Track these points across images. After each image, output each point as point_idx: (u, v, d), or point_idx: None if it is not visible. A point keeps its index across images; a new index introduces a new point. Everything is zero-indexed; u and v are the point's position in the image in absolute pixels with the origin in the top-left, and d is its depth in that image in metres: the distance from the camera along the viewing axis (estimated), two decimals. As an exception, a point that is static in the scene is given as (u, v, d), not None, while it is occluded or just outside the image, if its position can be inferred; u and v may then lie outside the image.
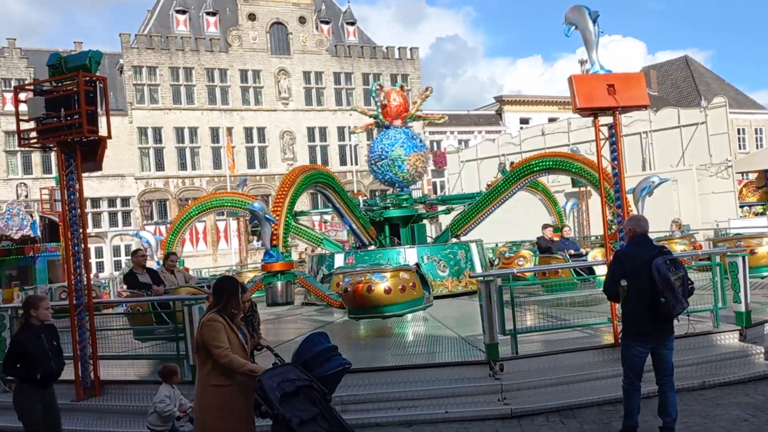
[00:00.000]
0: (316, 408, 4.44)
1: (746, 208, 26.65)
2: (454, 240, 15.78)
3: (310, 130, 43.19)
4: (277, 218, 11.97)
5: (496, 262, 15.19)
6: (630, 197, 12.75)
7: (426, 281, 11.26)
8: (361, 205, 16.46)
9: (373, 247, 15.44)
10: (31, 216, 24.78)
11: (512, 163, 16.78)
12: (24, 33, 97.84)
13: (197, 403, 4.73)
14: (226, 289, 4.84)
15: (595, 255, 12.09)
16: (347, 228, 15.62)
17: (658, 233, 16.23)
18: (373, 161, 15.80)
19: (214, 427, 4.57)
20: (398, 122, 15.77)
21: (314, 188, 14.49)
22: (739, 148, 45.90)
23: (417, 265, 11.65)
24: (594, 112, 8.10)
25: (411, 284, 10.15)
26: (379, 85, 16.68)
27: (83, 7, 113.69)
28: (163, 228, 35.16)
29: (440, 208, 18.86)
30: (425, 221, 17.87)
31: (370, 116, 16.30)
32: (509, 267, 13.25)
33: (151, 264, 19.64)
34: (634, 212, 12.36)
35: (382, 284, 9.87)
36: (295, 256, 17.83)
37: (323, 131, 43.55)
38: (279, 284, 11.58)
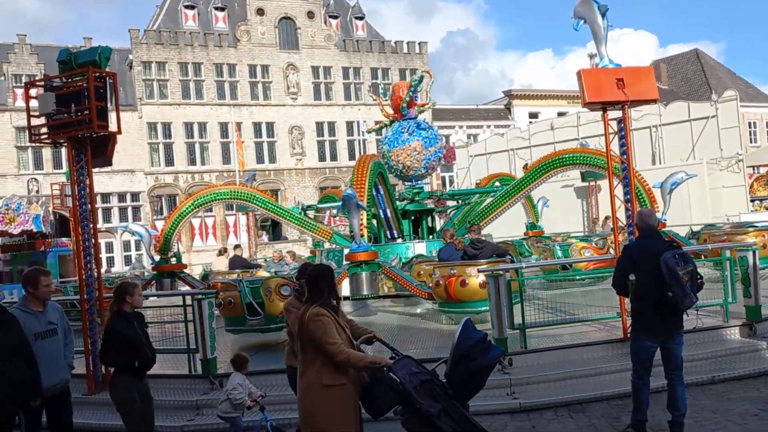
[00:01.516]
0: (438, 404, 4.18)
1: (757, 202, 26.48)
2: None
3: (319, 125, 43.21)
4: (162, 228, 12.40)
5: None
6: (657, 192, 12.78)
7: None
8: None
9: (400, 240, 15.39)
10: (41, 208, 24.87)
11: (525, 165, 16.75)
12: (36, 29, 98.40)
13: (304, 404, 4.39)
14: (322, 278, 4.51)
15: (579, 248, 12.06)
16: (382, 218, 15.31)
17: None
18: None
19: (325, 429, 4.27)
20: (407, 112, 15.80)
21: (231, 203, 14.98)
22: (750, 142, 45.56)
23: (511, 257, 11.14)
24: (603, 106, 8.08)
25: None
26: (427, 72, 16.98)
27: (94, 3, 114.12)
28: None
29: (449, 202, 18.88)
30: (435, 216, 17.90)
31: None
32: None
33: (145, 259, 19.64)
34: (660, 206, 12.37)
35: (478, 278, 9.17)
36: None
37: (332, 126, 43.56)
38: (364, 275, 11.11)
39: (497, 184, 18.49)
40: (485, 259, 9.59)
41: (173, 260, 14.30)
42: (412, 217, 16.17)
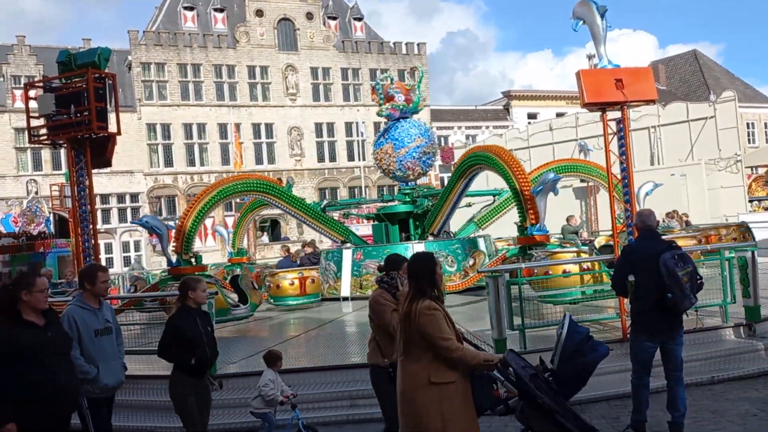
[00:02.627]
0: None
1: (756, 202, 26.50)
2: (431, 237, 15.36)
3: (318, 126, 43.22)
4: (180, 223, 12.57)
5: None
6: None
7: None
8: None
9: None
10: (4, 212, 24.88)
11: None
12: (37, 29, 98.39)
13: (409, 401, 4.12)
14: (426, 267, 4.23)
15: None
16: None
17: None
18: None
19: (436, 428, 4.00)
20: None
21: (249, 196, 15.26)
22: (749, 143, 45.61)
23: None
24: (602, 107, 8.09)
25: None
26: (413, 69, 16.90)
27: (94, 3, 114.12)
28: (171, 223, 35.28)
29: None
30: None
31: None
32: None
33: (144, 261, 19.65)
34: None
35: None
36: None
37: (331, 127, 43.58)
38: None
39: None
40: None
41: (194, 261, 12.68)
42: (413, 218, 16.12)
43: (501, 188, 16.35)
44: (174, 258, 12.44)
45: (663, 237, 6.44)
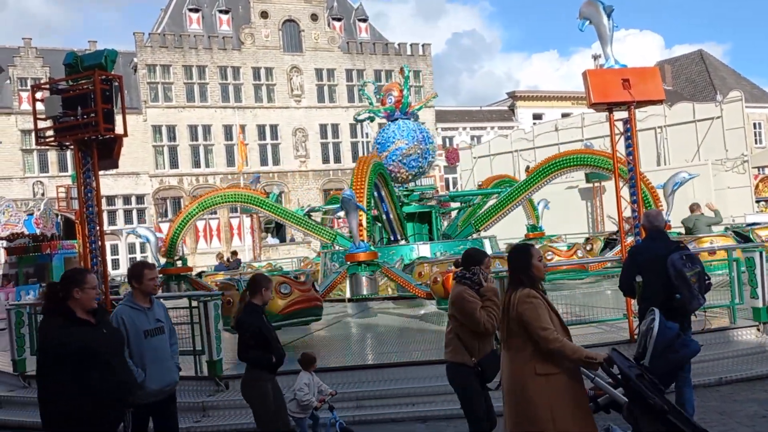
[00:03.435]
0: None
1: (763, 203, 26.39)
2: (474, 235, 15.76)
3: (323, 127, 43.25)
4: (167, 232, 12.48)
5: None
6: (660, 192, 12.79)
7: None
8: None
9: (403, 242, 15.38)
10: (27, 213, 24.96)
11: (527, 168, 16.61)
12: (43, 32, 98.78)
13: (516, 394, 4.04)
14: (522, 258, 4.18)
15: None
16: (384, 220, 15.31)
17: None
18: None
19: (545, 420, 3.89)
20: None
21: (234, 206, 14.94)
22: (756, 143, 45.43)
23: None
24: (609, 107, 8.06)
25: None
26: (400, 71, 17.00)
27: (100, 6, 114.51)
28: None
29: (452, 204, 18.87)
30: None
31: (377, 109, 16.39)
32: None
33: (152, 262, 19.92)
34: (664, 207, 12.34)
35: None
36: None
37: (336, 128, 43.61)
38: (363, 276, 11.12)
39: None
40: None
41: (179, 263, 14.41)
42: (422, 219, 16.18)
43: (500, 189, 16.55)
44: (163, 261, 14.23)
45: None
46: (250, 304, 5.42)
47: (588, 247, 15.18)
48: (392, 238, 15.61)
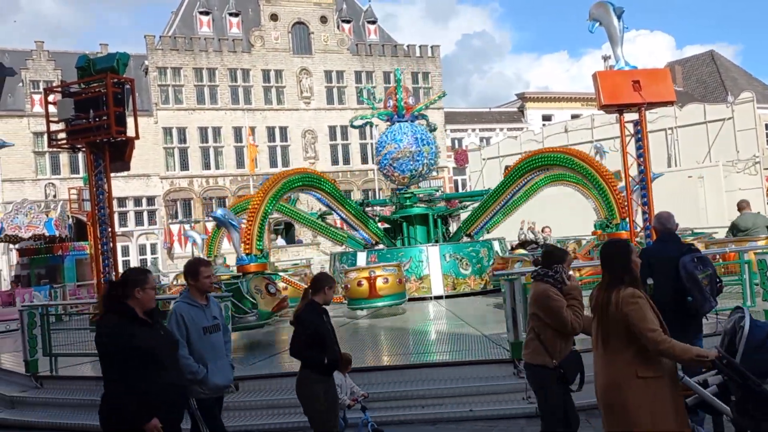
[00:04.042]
0: None
1: (775, 204, 26.17)
2: (466, 239, 15.63)
3: (332, 129, 43.33)
4: (250, 222, 12.20)
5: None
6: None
7: None
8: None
9: (381, 246, 15.48)
10: (48, 215, 25.19)
11: (507, 167, 16.23)
12: (56, 34, 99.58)
13: (613, 397, 3.88)
14: (623, 254, 4.02)
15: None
16: (348, 225, 15.56)
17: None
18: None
19: (645, 424, 3.75)
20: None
21: (302, 191, 14.88)
22: (767, 144, 45.09)
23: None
24: (619, 109, 8.05)
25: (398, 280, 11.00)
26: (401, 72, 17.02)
27: (112, 8, 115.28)
28: (187, 226, 35.52)
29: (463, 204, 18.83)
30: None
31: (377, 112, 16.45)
32: (504, 268, 11.87)
33: (160, 263, 19.82)
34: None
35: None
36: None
37: (345, 130, 43.65)
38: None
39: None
40: None
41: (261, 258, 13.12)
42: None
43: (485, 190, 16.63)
44: (243, 255, 12.39)
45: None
46: (311, 302, 5.32)
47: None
48: (367, 245, 15.69)
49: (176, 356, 4.49)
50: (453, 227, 17.85)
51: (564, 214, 19.92)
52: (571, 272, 5.14)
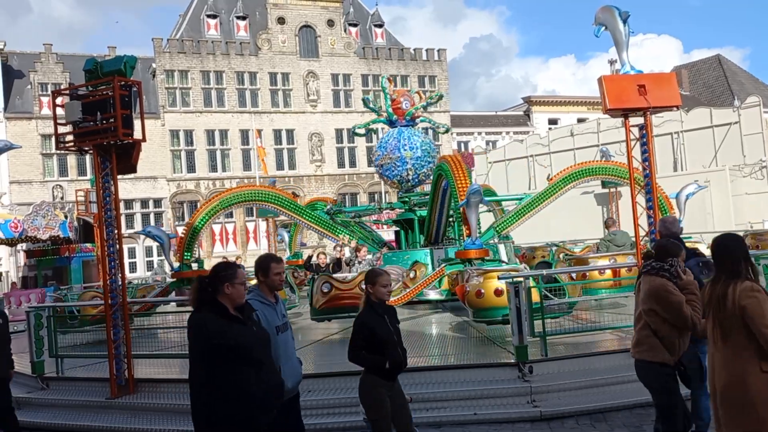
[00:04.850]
0: None
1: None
2: (495, 240, 15.65)
3: (338, 132, 43.41)
4: (183, 232, 12.49)
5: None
6: (674, 202, 12.70)
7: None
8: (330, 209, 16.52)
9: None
10: (66, 216, 25.38)
11: (549, 176, 16.34)
12: (65, 36, 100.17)
13: (735, 393, 3.76)
14: (739, 247, 3.90)
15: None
16: (435, 221, 15.33)
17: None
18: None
19: None
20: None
21: (252, 205, 14.90)
22: (775, 148, 44.87)
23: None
24: (624, 113, 8.04)
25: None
26: (389, 79, 16.81)
27: (122, 12, 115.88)
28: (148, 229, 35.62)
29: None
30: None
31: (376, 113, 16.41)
32: (462, 290, 10.83)
33: (166, 265, 19.96)
34: (677, 213, 12.23)
35: None
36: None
37: (351, 133, 43.75)
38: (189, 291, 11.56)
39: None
40: None
41: (195, 266, 13.61)
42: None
43: (522, 193, 16.47)
44: (176, 264, 13.38)
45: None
46: (368, 302, 5.06)
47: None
48: (433, 240, 15.41)
49: (270, 354, 4.22)
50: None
51: (567, 217, 19.87)
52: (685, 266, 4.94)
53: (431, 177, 15.76)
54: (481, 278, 9.28)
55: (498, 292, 8.76)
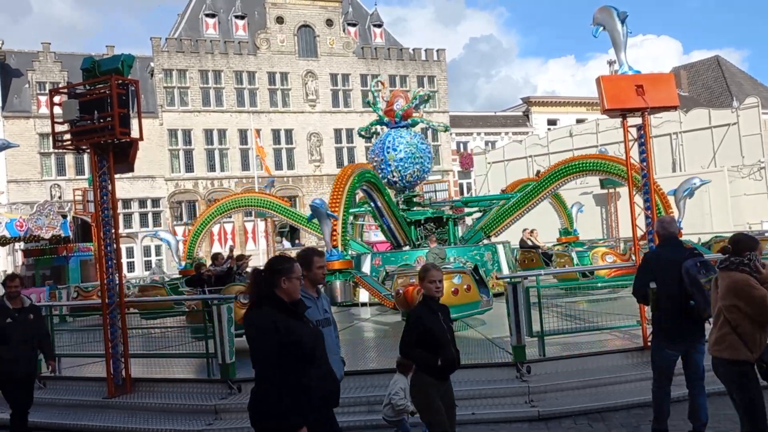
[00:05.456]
0: None
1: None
2: (485, 241, 15.73)
3: (337, 132, 43.38)
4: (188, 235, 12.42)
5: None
6: (671, 198, 12.66)
7: (485, 283, 10.88)
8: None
9: (407, 247, 15.40)
10: (63, 216, 25.38)
11: (538, 172, 16.40)
12: (64, 35, 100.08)
13: None
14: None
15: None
16: (385, 227, 15.45)
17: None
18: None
19: None
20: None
21: (362, 189, 14.53)
22: (773, 149, 44.90)
23: (475, 267, 11.30)
24: (622, 113, 8.03)
25: (465, 287, 9.80)
26: (381, 82, 16.82)
27: (122, 11, 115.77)
28: (155, 231, 35.64)
29: (467, 209, 18.84)
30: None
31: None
32: (412, 300, 11.69)
33: (165, 264, 20.01)
34: (675, 213, 12.23)
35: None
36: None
37: (350, 133, 43.71)
38: (338, 283, 11.08)
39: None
40: None
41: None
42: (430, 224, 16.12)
43: (510, 194, 16.52)
44: (183, 263, 14.35)
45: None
46: (424, 299, 4.95)
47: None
48: (395, 244, 15.61)
49: (324, 350, 4.15)
50: (459, 231, 17.83)
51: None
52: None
53: (421, 177, 15.80)
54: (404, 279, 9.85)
55: (455, 292, 9.50)
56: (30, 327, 6.96)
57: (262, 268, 3.98)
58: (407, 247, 15.44)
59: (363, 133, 16.74)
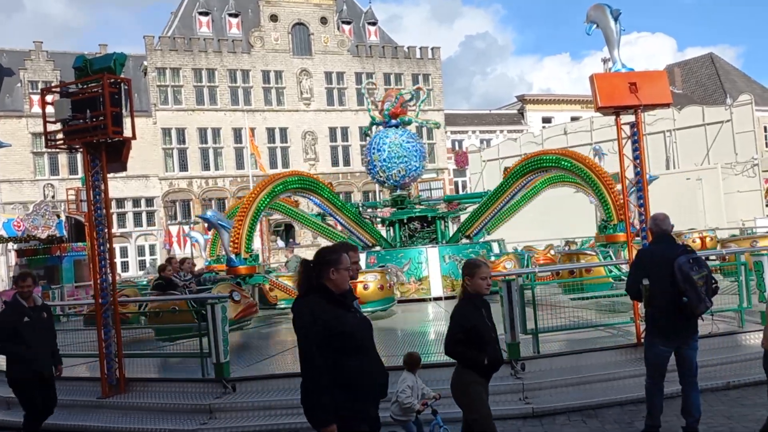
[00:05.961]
0: None
1: (773, 206, 26.19)
2: (465, 240, 15.63)
3: (332, 130, 43.35)
4: (240, 224, 11.92)
5: None
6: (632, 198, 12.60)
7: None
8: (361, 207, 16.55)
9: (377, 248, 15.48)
10: (58, 216, 25.32)
11: (506, 168, 16.09)
12: (57, 34, 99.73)
13: None
14: None
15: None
16: (346, 229, 15.52)
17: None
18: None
19: None
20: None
21: (296, 194, 14.65)
22: (766, 146, 45.06)
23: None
24: (616, 111, 8.04)
25: (379, 286, 11.19)
26: (373, 83, 16.83)
27: (115, 9, 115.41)
28: (187, 227, 35.54)
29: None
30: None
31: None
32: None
33: (200, 263, 19.78)
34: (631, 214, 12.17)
35: None
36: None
37: (345, 131, 43.72)
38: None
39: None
40: None
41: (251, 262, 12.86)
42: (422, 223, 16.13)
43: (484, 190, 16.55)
44: (233, 257, 12.07)
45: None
46: (466, 294, 4.80)
47: None
48: (363, 245, 15.54)
49: (373, 342, 4.05)
50: (452, 229, 17.82)
51: (565, 216, 19.93)
52: None
53: (410, 176, 15.72)
54: None
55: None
56: (45, 325, 6.95)
57: (310, 259, 3.92)
58: (378, 248, 15.45)
59: (367, 131, 16.99)
